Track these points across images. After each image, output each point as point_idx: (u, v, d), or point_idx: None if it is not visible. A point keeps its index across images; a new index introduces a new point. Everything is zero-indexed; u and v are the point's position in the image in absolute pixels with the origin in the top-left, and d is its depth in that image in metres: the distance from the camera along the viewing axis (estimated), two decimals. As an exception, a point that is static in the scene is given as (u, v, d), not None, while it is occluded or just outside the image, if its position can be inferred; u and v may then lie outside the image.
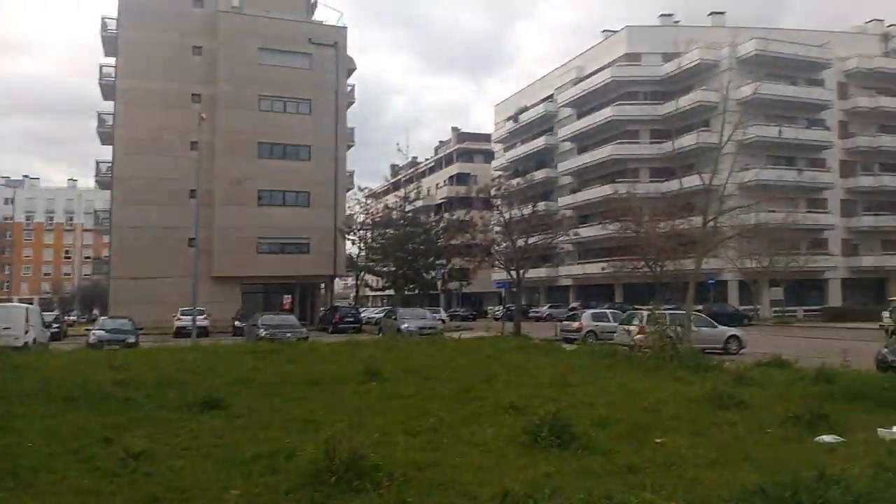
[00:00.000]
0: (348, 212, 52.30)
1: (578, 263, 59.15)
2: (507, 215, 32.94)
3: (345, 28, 49.31)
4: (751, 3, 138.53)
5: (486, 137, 79.25)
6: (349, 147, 50.42)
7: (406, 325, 29.07)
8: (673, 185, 36.59)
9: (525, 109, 67.77)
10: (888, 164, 53.41)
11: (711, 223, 19.87)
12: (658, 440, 7.77)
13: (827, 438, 7.85)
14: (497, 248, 39.33)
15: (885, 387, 10.72)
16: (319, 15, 55.20)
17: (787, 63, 50.45)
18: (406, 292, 50.69)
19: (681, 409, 9.80)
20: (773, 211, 46.68)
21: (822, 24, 66.03)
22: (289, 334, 24.70)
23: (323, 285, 49.54)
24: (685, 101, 44.62)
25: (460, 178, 75.07)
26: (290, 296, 46.47)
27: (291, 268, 45.40)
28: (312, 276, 47.18)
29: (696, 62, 49.05)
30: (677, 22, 56.37)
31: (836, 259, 51.59)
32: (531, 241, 32.30)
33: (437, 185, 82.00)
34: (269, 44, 46.26)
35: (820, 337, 30.27)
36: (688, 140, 43.93)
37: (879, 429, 8.14)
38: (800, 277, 47.26)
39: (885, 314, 32.03)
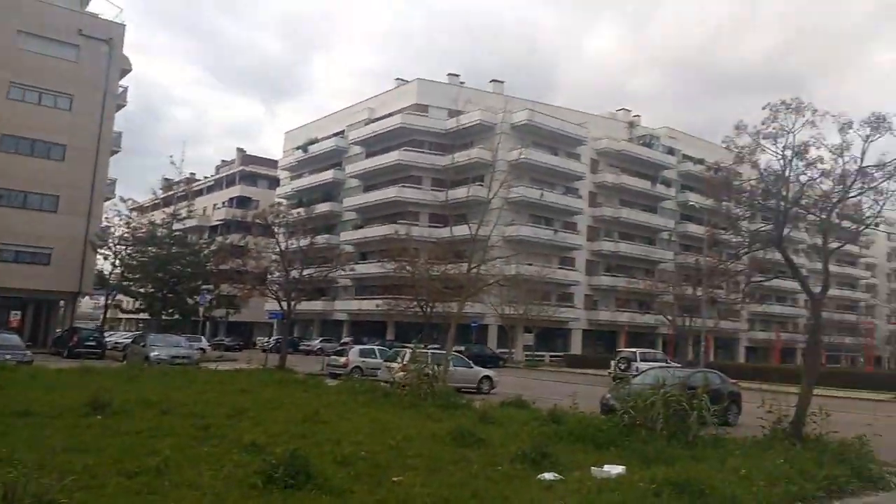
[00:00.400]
0: (105, 223, 46.97)
1: (355, 299, 59.37)
2: (283, 245, 32.02)
3: (123, 25, 45.02)
4: (527, 75, 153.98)
5: (272, 163, 77.13)
6: (114, 152, 45.63)
7: (155, 353, 26.46)
8: (447, 232, 38.62)
9: (315, 141, 67.34)
10: (625, 233, 62.00)
11: (475, 270, 21.12)
12: (395, 479, 7.80)
13: (548, 476, 8.47)
14: (271, 276, 37.96)
15: (602, 429, 11.96)
16: (95, 7, 49.86)
17: (551, 135, 56.69)
18: (164, 317, 46.60)
19: (425, 446, 10.01)
20: (531, 264, 51.45)
21: (584, 107, 75.41)
22: (8, 356, 21.17)
23: (63, 303, 43.58)
24: (462, 156, 47.69)
25: (241, 202, 71.83)
26: (19, 313, 40.08)
27: (26, 280, 39.38)
28: (52, 291, 41.33)
29: (475, 122, 52.81)
30: (463, 83, 60.52)
31: (579, 312, 58.13)
32: (307, 272, 31.70)
33: (214, 205, 77.59)
34: (30, 27, 40.63)
35: (560, 381, 33.51)
36: (462, 192, 46.64)
37: (593, 468, 9.01)
38: (549, 325, 52.26)
39: (613, 362, 36.47)
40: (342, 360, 28.79)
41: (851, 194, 12.39)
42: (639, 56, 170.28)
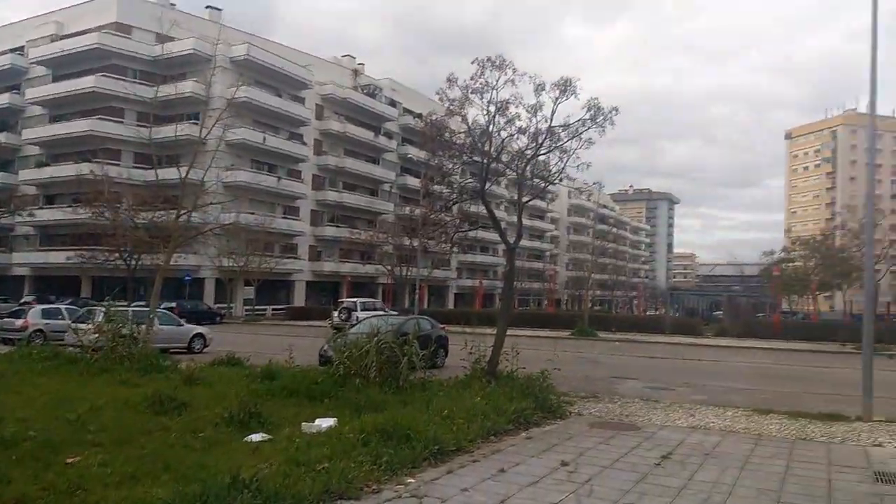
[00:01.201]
0: None
1: (39, 250, 51.10)
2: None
3: None
4: (247, 6, 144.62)
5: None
6: None
7: None
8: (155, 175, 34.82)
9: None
10: (350, 183, 62.66)
11: (185, 217, 19.27)
12: (70, 460, 6.64)
13: (256, 437, 8.00)
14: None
15: (317, 381, 11.80)
16: None
17: (275, 74, 54.20)
18: None
19: (115, 417, 8.82)
20: (253, 213, 49.33)
21: (306, 49, 73.56)
22: None
23: None
24: (172, 89, 43.24)
25: None
26: None
27: None
28: None
29: (188, 51, 47.54)
30: (174, 4, 54.50)
31: (303, 263, 57.70)
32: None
33: None
34: None
35: (281, 334, 32.92)
36: (173, 129, 42.45)
37: (304, 423, 8.77)
38: (272, 278, 50.93)
39: (335, 313, 36.98)
40: (19, 322, 24.43)
41: (542, 152, 13.75)
42: (363, 4, 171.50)
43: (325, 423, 8.69)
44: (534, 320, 44.82)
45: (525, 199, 14.62)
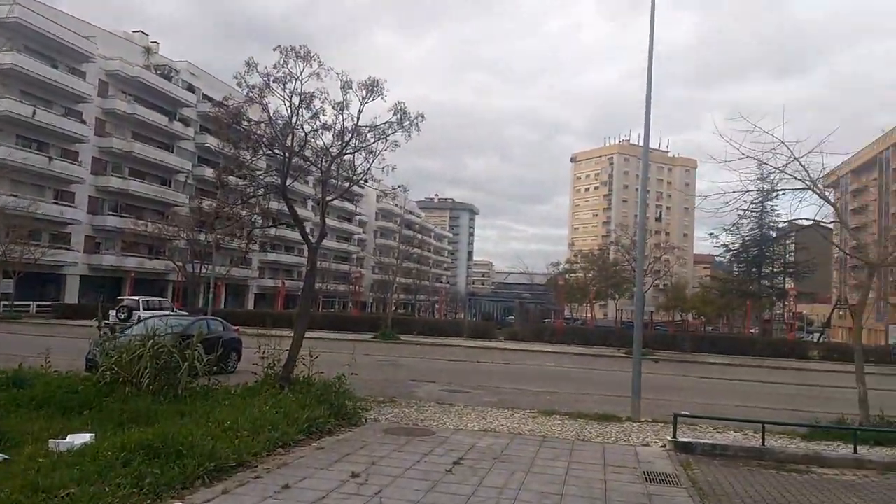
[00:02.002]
0: None
1: None
2: None
3: None
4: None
5: None
6: None
7: None
8: None
9: None
10: (138, 170, 56.85)
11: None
12: None
13: (-14, 460, 6.59)
14: None
15: (77, 390, 10.23)
16: None
17: (50, 43, 47.57)
18: None
19: None
20: (16, 195, 42.86)
21: (92, 19, 65.84)
22: None
23: None
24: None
25: None
26: None
27: None
28: None
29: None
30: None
31: (78, 255, 51.19)
32: None
33: None
34: None
35: (44, 334, 28.75)
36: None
37: (51, 441, 7.43)
38: (37, 270, 44.52)
39: (112, 312, 33.15)
40: None
41: (348, 151, 13.34)
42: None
43: (79, 439, 7.44)
44: (338, 322, 44.15)
45: (329, 198, 14.06)
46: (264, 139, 12.77)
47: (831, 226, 24.58)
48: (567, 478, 7.70)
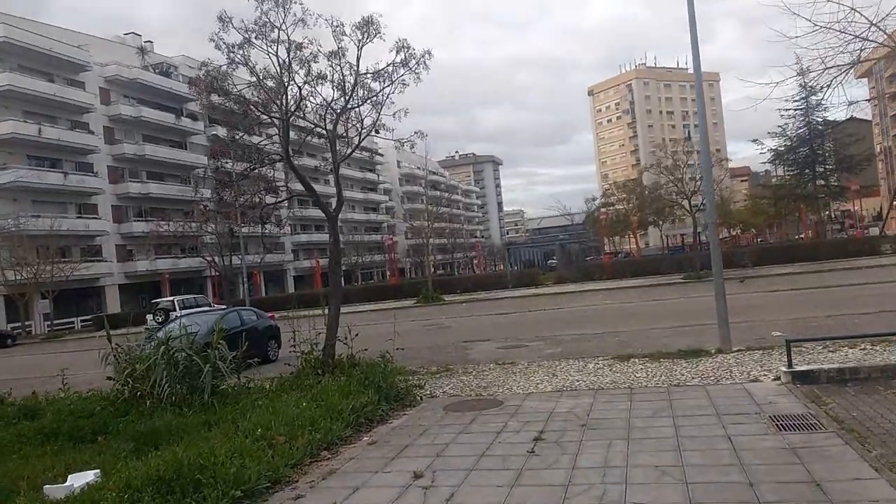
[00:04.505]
0: None
1: None
2: None
3: None
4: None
5: None
6: None
7: None
8: None
9: None
10: (153, 172, 56.04)
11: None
12: None
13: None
14: None
15: (94, 412, 9.06)
16: None
17: (43, 58, 46.49)
18: None
19: None
20: (39, 216, 42.44)
21: (81, 27, 64.56)
22: None
23: None
24: None
25: None
26: None
27: None
28: None
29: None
30: None
31: (112, 265, 50.93)
32: None
33: None
34: None
35: (84, 349, 28.16)
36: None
37: (47, 486, 6.16)
38: (73, 286, 44.32)
39: (150, 317, 32.50)
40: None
41: (353, 105, 11.82)
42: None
43: (81, 479, 6.15)
44: (378, 293, 43.31)
45: (340, 157, 12.49)
46: (258, 104, 11.22)
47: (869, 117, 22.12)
48: (680, 440, 6.14)
